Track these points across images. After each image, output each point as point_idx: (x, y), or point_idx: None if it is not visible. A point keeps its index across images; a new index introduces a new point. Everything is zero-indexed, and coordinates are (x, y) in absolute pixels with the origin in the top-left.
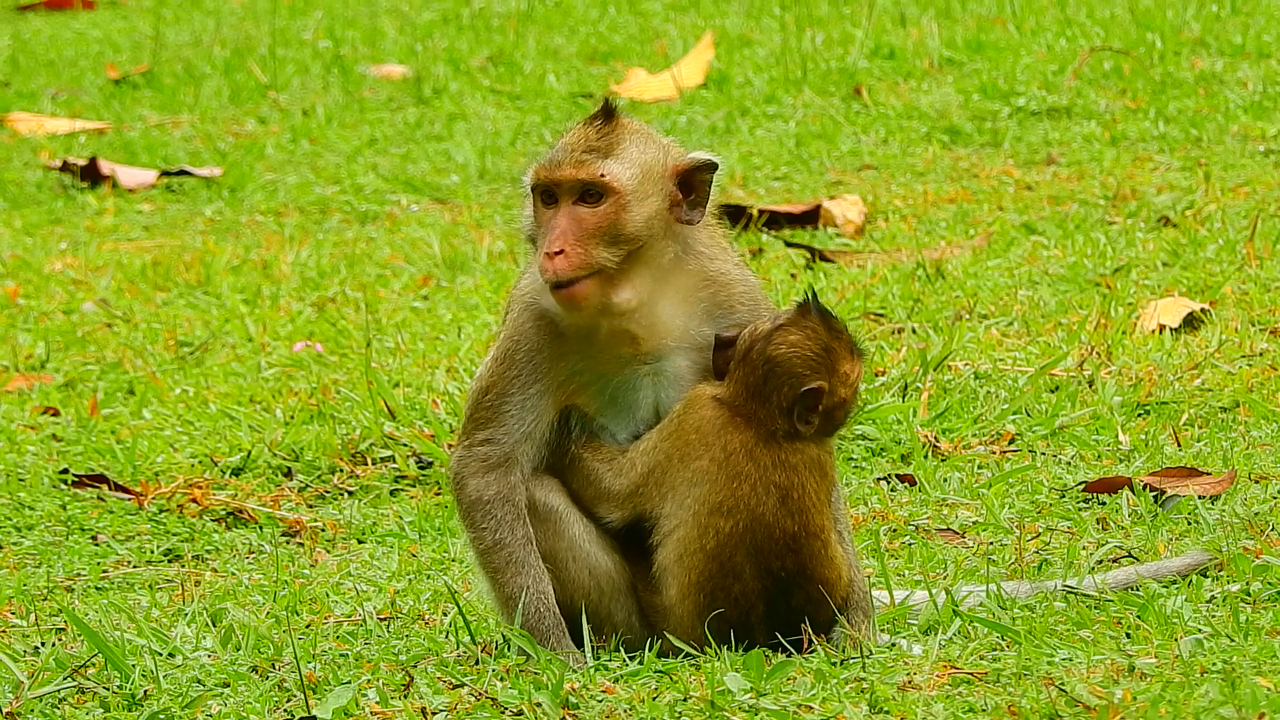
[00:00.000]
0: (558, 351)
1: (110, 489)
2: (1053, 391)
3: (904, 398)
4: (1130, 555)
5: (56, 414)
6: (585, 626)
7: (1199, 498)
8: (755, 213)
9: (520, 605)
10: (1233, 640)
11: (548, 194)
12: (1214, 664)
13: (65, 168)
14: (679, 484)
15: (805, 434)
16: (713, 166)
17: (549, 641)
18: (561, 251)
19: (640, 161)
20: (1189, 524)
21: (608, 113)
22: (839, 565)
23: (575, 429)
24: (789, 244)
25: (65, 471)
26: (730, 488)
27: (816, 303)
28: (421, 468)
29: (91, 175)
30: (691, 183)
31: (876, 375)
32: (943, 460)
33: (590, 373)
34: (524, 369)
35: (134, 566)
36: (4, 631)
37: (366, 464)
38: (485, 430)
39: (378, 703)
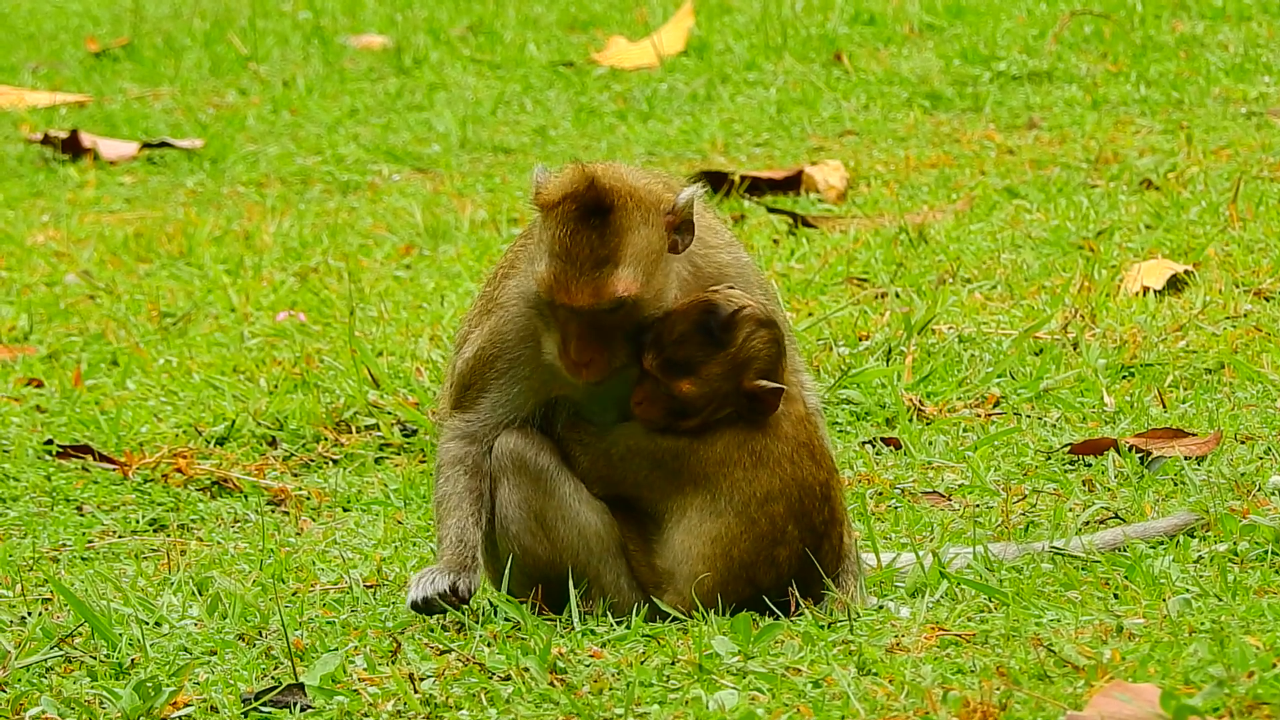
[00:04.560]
0: (540, 359)
1: (95, 459)
2: (1037, 354)
3: (888, 362)
4: (1117, 516)
5: (40, 385)
6: (572, 590)
7: (1185, 459)
8: (737, 179)
9: (442, 542)
10: (1220, 600)
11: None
12: (1202, 623)
13: (46, 140)
14: (707, 500)
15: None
16: (696, 196)
17: (452, 574)
18: (590, 361)
19: (644, 248)
20: (1175, 485)
21: (600, 209)
22: (842, 487)
23: (561, 413)
24: (771, 210)
25: (50, 442)
26: (775, 475)
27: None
28: (406, 435)
29: (73, 148)
30: (682, 218)
31: (860, 340)
32: (928, 424)
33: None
34: (505, 372)
35: (119, 536)
36: None
37: (351, 432)
38: (464, 413)
39: (365, 669)
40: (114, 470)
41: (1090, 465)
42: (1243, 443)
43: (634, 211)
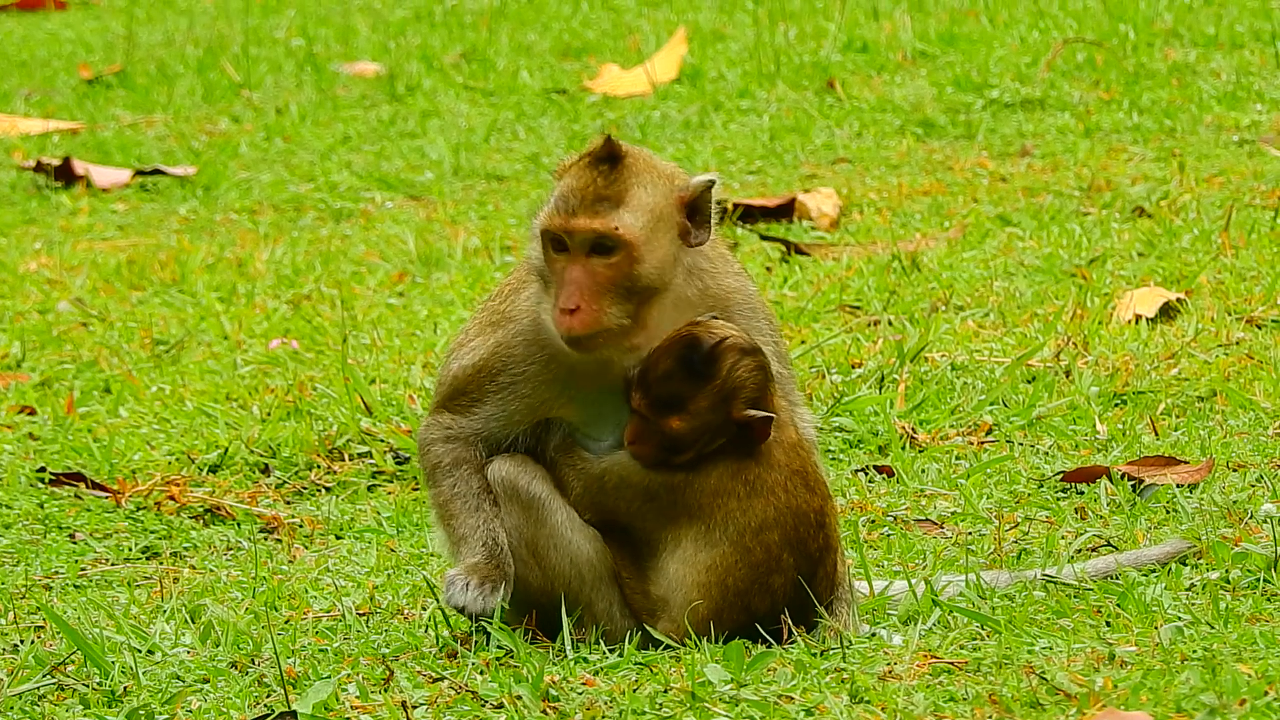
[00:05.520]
0: (545, 377)
1: (87, 487)
2: (1029, 382)
3: (881, 389)
4: (1109, 544)
5: (33, 413)
6: (565, 617)
7: (1177, 486)
8: (730, 206)
9: (469, 540)
10: (1212, 627)
11: (559, 241)
12: (1194, 651)
13: (39, 168)
14: (702, 530)
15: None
16: (712, 184)
17: (491, 583)
18: (577, 308)
19: (650, 206)
20: (1167, 512)
21: (613, 156)
22: (836, 513)
23: (556, 432)
24: (764, 237)
25: (42, 470)
26: (770, 504)
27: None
28: (399, 463)
29: (66, 175)
30: (698, 205)
31: (853, 367)
32: (920, 451)
33: (576, 390)
34: (506, 387)
35: (112, 564)
36: None
37: (344, 460)
38: (453, 416)
39: (358, 697)
40: (106, 498)
41: (1082, 493)
42: (1235, 470)
43: (645, 173)
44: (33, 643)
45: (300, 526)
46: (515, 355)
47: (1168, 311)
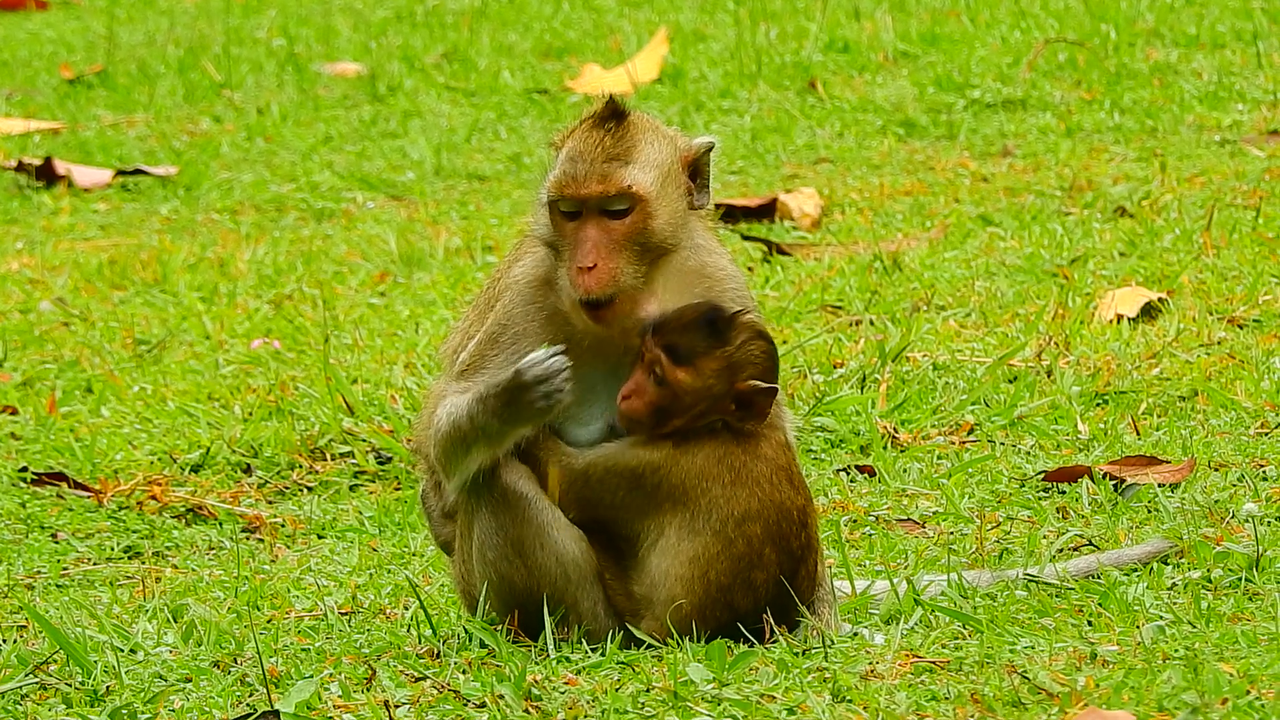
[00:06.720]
0: (545, 335)
1: (69, 486)
2: (1011, 382)
3: (862, 389)
4: (1091, 543)
5: (15, 412)
6: (547, 617)
7: (1159, 486)
8: (711, 207)
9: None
10: (1194, 626)
11: (570, 209)
12: (1176, 650)
13: (20, 168)
14: (685, 518)
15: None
16: (712, 147)
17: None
18: (594, 266)
19: (658, 162)
20: (1149, 512)
21: (618, 114)
22: (817, 516)
23: (541, 430)
24: (745, 237)
25: (24, 470)
26: (754, 495)
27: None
28: (381, 463)
29: (47, 175)
30: (698, 167)
31: (835, 367)
32: (902, 451)
33: (573, 358)
34: (507, 347)
35: (94, 563)
36: None
37: (326, 460)
38: (460, 384)
39: (340, 696)
40: (89, 497)
41: (1064, 492)
42: (1216, 470)
43: (651, 131)
44: (15, 642)
45: (282, 526)
46: (515, 313)
47: (1149, 311)
